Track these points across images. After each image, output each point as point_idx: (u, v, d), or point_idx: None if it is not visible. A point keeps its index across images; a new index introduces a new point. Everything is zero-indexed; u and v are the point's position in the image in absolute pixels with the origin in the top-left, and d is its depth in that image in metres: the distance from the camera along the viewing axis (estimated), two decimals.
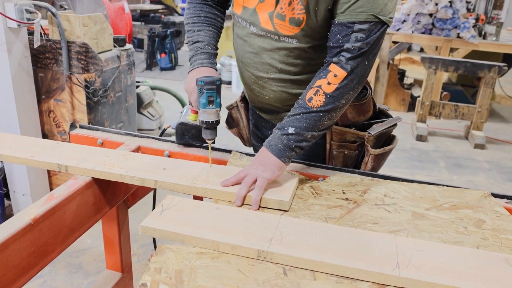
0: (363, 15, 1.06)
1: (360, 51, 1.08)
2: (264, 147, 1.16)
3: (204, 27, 1.36)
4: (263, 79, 1.32)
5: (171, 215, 1.01)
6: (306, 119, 1.13)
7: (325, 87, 1.12)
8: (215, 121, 1.22)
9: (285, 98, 1.33)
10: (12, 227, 0.95)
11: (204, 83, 1.17)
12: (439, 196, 1.22)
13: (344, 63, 1.09)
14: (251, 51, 1.29)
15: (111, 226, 1.55)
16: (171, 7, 8.25)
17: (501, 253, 0.97)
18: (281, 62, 1.25)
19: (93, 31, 2.48)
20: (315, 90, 1.13)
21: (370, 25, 1.07)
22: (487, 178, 3.81)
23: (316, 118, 1.13)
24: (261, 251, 0.89)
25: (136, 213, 1.84)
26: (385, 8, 1.07)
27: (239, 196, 1.08)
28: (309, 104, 1.13)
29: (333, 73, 1.11)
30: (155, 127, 3.82)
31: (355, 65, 1.09)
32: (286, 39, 1.20)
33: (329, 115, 1.14)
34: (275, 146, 1.14)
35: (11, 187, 2.61)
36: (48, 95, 2.58)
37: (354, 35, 1.08)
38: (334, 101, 1.12)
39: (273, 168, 1.13)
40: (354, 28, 1.07)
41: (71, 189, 1.14)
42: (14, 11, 2.17)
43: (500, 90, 6.27)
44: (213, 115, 1.20)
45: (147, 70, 6.87)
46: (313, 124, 1.13)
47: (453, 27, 5.03)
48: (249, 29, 1.27)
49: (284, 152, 1.13)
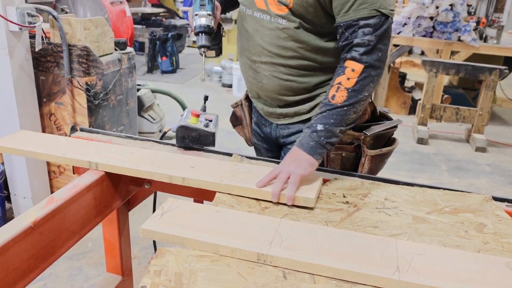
0: (366, 10, 1.12)
1: (370, 43, 1.14)
2: (295, 147, 1.20)
3: None
4: (256, 63, 1.35)
5: (172, 218, 1.01)
6: (332, 115, 1.17)
7: (345, 82, 1.17)
8: (207, 25, 1.26)
9: (277, 84, 1.35)
10: (12, 230, 0.95)
11: None
12: (440, 199, 1.21)
13: (359, 57, 1.15)
14: (246, 34, 1.35)
15: (112, 229, 1.55)
16: (172, 10, 8.27)
17: (502, 257, 0.96)
18: (271, 44, 1.29)
19: (94, 35, 2.49)
20: (336, 87, 1.18)
21: (375, 19, 1.13)
22: (488, 181, 3.81)
23: (342, 113, 1.17)
24: (260, 254, 0.89)
25: (136, 216, 1.84)
26: (385, 2, 1.13)
27: (274, 193, 1.10)
28: (333, 101, 1.18)
29: (351, 68, 1.16)
30: (156, 130, 3.82)
31: (369, 58, 1.15)
32: (276, 19, 1.25)
33: (354, 109, 1.18)
34: (307, 144, 1.18)
35: (12, 190, 2.61)
36: (49, 98, 2.59)
37: (361, 30, 1.14)
38: (356, 95, 1.17)
39: (305, 165, 1.16)
40: (359, 24, 1.14)
41: (71, 192, 1.14)
42: (16, 14, 2.18)
43: (502, 93, 6.27)
44: (205, 19, 1.26)
45: (148, 73, 6.88)
46: (340, 119, 1.18)
47: (454, 30, 5.03)
48: (245, 13, 1.34)
49: (316, 149, 1.17)
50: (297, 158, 1.17)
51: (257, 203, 1.13)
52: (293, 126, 1.43)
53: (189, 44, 9.08)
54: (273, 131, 1.49)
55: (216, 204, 1.12)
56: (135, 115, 3.07)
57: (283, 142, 1.48)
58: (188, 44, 9.02)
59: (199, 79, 6.64)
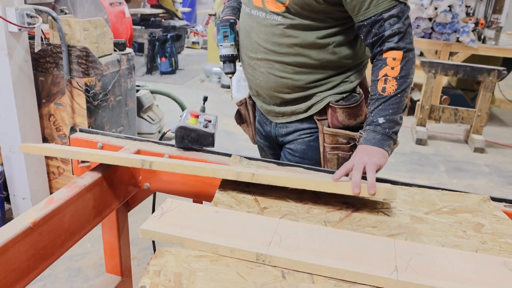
0: (385, 3, 1.16)
1: (401, 30, 1.17)
2: (361, 145, 1.20)
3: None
4: (253, 60, 1.38)
5: (171, 218, 1.01)
6: (389, 105, 1.20)
7: (391, 72, 1.19)
8: (231, 54, 1.42)
9: (273, 81, 1.36)
10: (11, 230, 0.95)
11: (219, 21, 1.43)
12: (438, 200, 1.22)
13: (396, 45, 1.18)
14: (243, 31, 1.39)
15: (111, 229, 1.55)
16: (171, 11, 8.27)
17: (500, 257, 0.97)
18: (266, 41, 1.31)
19: (93, 36, 2.49)
20: (384, 80, 1.20)
21: (396, 9, 1.16)
22: (487, 181, 3.81)
23: (397, 101, 1.20)
24: (259, 254, 0.89)
25: (136, 216, 1.84)
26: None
27: (355, 183, 1.09)
28: (385, 93, 1.20)
29: (391, 58, 1.19)
30: (155, 131, 3.82)
31: (404, 43, 1.18)
32: (271, 15, 1.28)
33: (406, 93, 1.21)
34: (373, 139, 1.19)
35: (11, 190, 2.61)
36: (49, 99, 2.59)
37: (387, 22, 1.17)
38: (405, 80, 1.20)
39: (378, 155, 1.16)
40: (384, 17, 1.17)
41: (70, 192, 1.14)
42: (15, 15, 2.18)
43: (500, 94, 6.28)
44: (228, 49, 1.42)
45: (147, 74, 6.88)
46: (397, 107, 1.20)
47: (452, 31, 5.04)
48: (244, 10, 1.38)
49: (384, 141, 1.19)
50: (367, 152, 1.17)
51: (256, 203, 1.14)
52: (290, 125, 1.45)
53: (188, 45, 9.08)
54: (273, 130, 1.51)
55: (216, 204, 1.12)
56: (134, 115, 3.07)
57: (281, 141, 1.50)
58: (187, 45, 9.03)
59: (198, 81, 6.65)
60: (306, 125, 1.42)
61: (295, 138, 1.45)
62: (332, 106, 1.36)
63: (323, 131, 1.37)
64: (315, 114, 1.39)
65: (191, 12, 10.20)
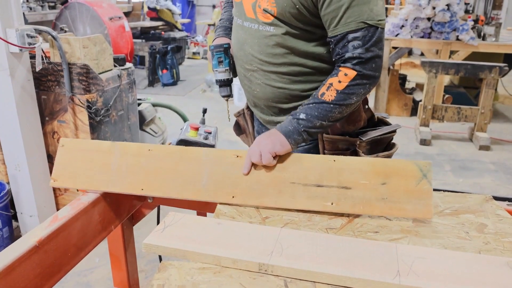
0: (353, 24, 1.14)
1: (361, 56, 1.16)
2: (274, 128, 1.26)
3: (229, 8, 1.60)
4: (249, 72, 1.38)
5: (174, 232, 1.02)
6: (317, 108, 1.21)
7: (336, 84, 1.20)
8: (226, 79, 1.47)
9: (270, 92, 1.37)
10: (17, 249, 0.97)
11: (213, 47, 1.45)
12: (440, 201, 1.22)
13: (352, 66, 1.18)
14: (237, 43, 1.40)
15: (117, 244, 1.56)
16: (170, 23, 8.33)
17: (503, 256, 0.97)
18: (260, 52, 1.32)
19: (93, 52, 2.52)
20: (327, 86, 1.22)
21: (363, 32, 1.14)
22: (493, 179, 3.79)
23: (327, 109, 1.21)
24: (262, 264, 0.90)
25: (142, 230, 1.85)
26: (372, 13, 1.14)
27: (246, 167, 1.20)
28: (322, 98, 1.22)
29: (344, 72, 1.19)
30: (158, 143, 3.84)
31: (362, 68, 1.17)
32: (264, 26, 1.28)
33: (340, 109, 1.21)
34: (285, 127, 1.23)
35: (18, 208, 2.63)
36: (52, 116, 2.61)
37: (351, 44, 1.16)
38: (345, 98, 1.20)
39: (275, 142, 1.21)
40: (348, 38, 1.16)
41: (75, 209, 1.16)
42: (16, 36, 2.21)
43: (504, 90, 6.25)
44: (223, 74, 1.46)
45: (149, 86, 6.92)
46: (324, 114, 1.21)
47: (451, 30, 5.04)
48: (236, 22, 1.39)
49: (292, 134, 1.22)
50: (269, 136, 1.22)
51: (257, 213, 1.15)
52: None
53: (189, 55, 9.14)
54: None
55: (218, 216, 1.13)
56: (137, 129, 3.09)
57: None
58: (188, 56, 9.08)
59: (200, 91, 6.68)
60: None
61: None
62: None
63: (322, 139, 1.37)
64: None
65: (190, 23, 10.28)
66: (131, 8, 8.93)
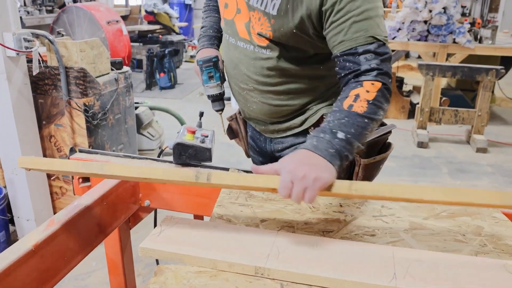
0: (362, 38, 1.06)
1: (379, 67, 1.06)
2: (306, 150, 0.96)
3: (211, 14, 1.51)
4: (244, 90, 1.36)
5: (170, 235, 1.02)
6: (353, 125, 0.99)
7: (365, 94, 1.04)
8: (218, 93, 1.41)
9: (267, 109, 1.35)
10: (13, 254, 0.96)
11: (202, 62, 1.37)
12: (437, 204, 1.22)
13: (374, 78, 1.06)
14: (231, 63, 1.36)
15: (114, 248, 1.56)
16: (168, 26, 8.34)
17: (499, 259, 0.97)
18: (256, 73, 1.28)
19: (90, 56, 2.52)
20: (354, 97, 1.04)
21: (373, 45, 1.06)
22: (491, 182, 3.80)
23: (362, 125, 1.00)
24: (258, 268, 0.89)
25: (139, 233, 1.84)
26: (379, 29, 1.08)
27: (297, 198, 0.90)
28: (351, 110, 1.02)
29: (370, 82, 1.05)
30: (156, 147, 3.84)
31: (384, 80, 1.06)
32: (259, 49, 1.24)
33: (372, 125, 1.03)
34: (326, 150, 0.94)
35: (15, 212, 2.62)
36: (49, 120, 2.61)
37: (363, 56, 1.06)
38: (375, 111, 1.03)
39: (320, 168, 0.92)
40: (358, 51, 1.07)
41: (71, 213, 1.15)
42: (13, 40, 2.21)
43: (501, 93, 6.28)
44: (215, 89, 1.40)
45: (147, 90, 6.92)
46: (360, 131, 1.00)
47: (448, 33, 5.06)
48: (228, 41, 1.33)
49: (335, 158, 0.94)
50: (311, 161, 0.92)
51: (254, 217, 1.14)
52: (286, 140, 1.42)
53: (186, 59, 9.14)
54: (268, 146, 1.49)
55: (214, 220, 1.13)
56: (134, 133, 3.09)
57: (278, 156, 1.48)
58: (185, 59, 9.09)
59: (197, 94, 6.68)
60: (302, 139, 1.38)
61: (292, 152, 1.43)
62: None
63: None
64: (309, 127, 1.37)
65: (188, 26, 10.28)
66: (128, 11, 8.95)
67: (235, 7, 1.25)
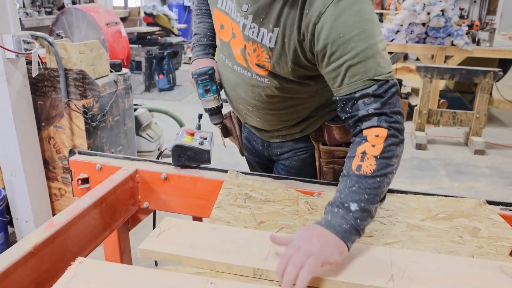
0: (359, 83, 0.98)
1: (378, 112, 0.98)
2: (321, 227, 0.92)
3: (203, 19, 1.42)
4: (243, 110, 1.35)
5: (169, 237, 1.03)
6: (365, 189, 0.95)
7: (371, 150, 0.97)
8: (216, 107, 1.36)
9: (267, 124, 1.35)
10: (13, 255, 0.96)
11: (197, 75, 1.30)
12: (434, 206, 1.23)
13: (377, 123, 0.99)
14: (228, 83, 1.32)
15: (113, 249, 1.56)
16: (167, 28, 8.35)
17: (496, 260, 0.98)
18: (255, 99, 1.26)
19: (89, 58, 2.53)
20: (360, 157, 0.98)
21: (372, 88, 0.98)
22: (488, 183, 3.81)
23: (375, 185, 0.95)
24: (256, 269, 0.90)
25: (138, 235, 1.84)
26: (379, 68, 0.98)
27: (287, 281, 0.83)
28: (360, 172, 0.96)
29: (373, 134, 0.98)
30: (155, 148, 3.85)
31: (389, 122, 0.98)
32: (258, 77, 1.19)
33: (387, 179, 0.97)
34: (339, 227, 0.91)
35: (14, 214, 2.62)
36: (48, 122, 2.61)
37: (361, 101, 0.99)
38: (387, 164, 0.97)
39: (334, 250, 0.88)
40: (356, 96, 0.99)
41: (71, 215, 1.16)
42: (12, 42, 2.22)
43: (499, 95, 6.30)
44: (212, 102, 1.34)
45: (146, 91, 6.93)
46: (374, 193, 0.95)
47: (446, 35, 5.08)
48: (225, 62, 1.29)
49: (350, 234, 0.91)
50: (323, 238, 0.89)
51: (252, 218, 1.15)
52: (285, 144, 1.41)
53: (185, 60, 9.15)
54: (265, 150, 1.47)
55: (213, 221, 1.14)
56: (133, 134, 3.09)
57: (276, 159, 1.48)
58: (184, 61, 9.09)
59: (196, 96, 6.68)
60: (302, 144, 1.39)
61: (291, 156, 1.42)
62: (328, 126, 1.32)
63: (319, 149, 1.35)
64: (310, 133, 1.36)
65: (187, 28, 10.30)
66: (127, 13, 8.96)
67: (231, 31, 1.19)
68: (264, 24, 1.08)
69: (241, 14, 1.11)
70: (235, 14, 1.14)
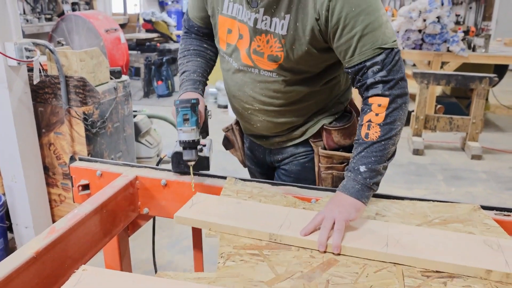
0: (369, 51, 1.11)
1: (384, 79, 1.12)
2: (339, 192, 1.15)
3: (192, 58, 1.45)
4: (249, 110, 1.38)
5: (200, 208, 1.20)
6: (372, 153, 1.13)
7: (375, 118, 1.13)
8: (192, 140, 1.21)
9: (271, 127, 1.39)
10: (15, 261, 0.98)
11: (179, 102, 1.21)
12: (430, 211, 1.25)
13: (381, 92, 1.12)
14: (235, 85, 1.36)
15: (113, 255, 1.57)
16: (166, 34, 8.39)
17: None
18: (263, 95, 1.31)
19: (90, 65, 2.56)
20: (367, 125, 1.14)
21: (380, 56, 1.11)
22: (485, 188, 3.84)
23: (380, 148, 1.13)
24: (272, 234, 1.07)
25: (137, 241, 1.86)
26: (385, 37, 1.11)
27: (321, 242, 1.04)
28: (367, 139, 1.14)
29: (377, 104, 1.13)
30: (154, 154, 3.86)
31: (392, 91, 1.12)
32: (265, 73, 1.27)
33: (392, 141, 1.14)
34: (352, 188, 1.13)
35: (14, 220, 2.63)
36: (48, 128, 2.63)
37: (370, 70, 1.12)
38: (390, 127, 1.13)
39: (350, 209, 1.09)
40: (366, 65, 1.12)
41: (72, 221, 1.17)
42: (14, 50, 2.24)
43: (495, 100, 6.34)
44: (189, 134, 1.20)
45: (145, 97, 6.95)
46: (380, 155, 1.13)
47: (442, 42, 5.12)
48: (232, 64, 1.34)
49: (362, 192, 1.12)
50: (340, 203, 1.11)
51: None
52: (286, 150, 1.46)
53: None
54: (267, 157, 1.52)
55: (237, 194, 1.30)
56: (132, 141, 3.11)
57: (277, 165, 1.52)
58: None
59: None
60: (302, 148, 1.43)
61: (291, 161, 1.46)
62: (327, 129, 1.38)
63: (318, 153, 1.39)
64: (310, 137, 1.41)
65: None
66: (126, 20, 9.00)
67: (238, 33, 1.27)
68: (276, 14, 1.17)
69: (252, 10, 1.20)
70: (243, 15, 1.23)
